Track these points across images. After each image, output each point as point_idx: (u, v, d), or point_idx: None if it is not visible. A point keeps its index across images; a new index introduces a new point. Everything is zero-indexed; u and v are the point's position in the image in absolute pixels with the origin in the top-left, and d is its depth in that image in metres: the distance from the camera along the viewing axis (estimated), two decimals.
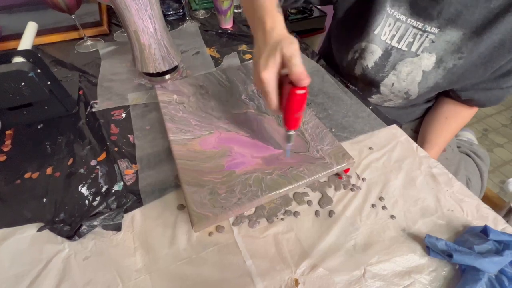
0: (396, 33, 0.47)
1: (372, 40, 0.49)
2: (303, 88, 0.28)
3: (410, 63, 0.48)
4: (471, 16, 0.41)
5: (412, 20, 0.46)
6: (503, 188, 1.24)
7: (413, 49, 0.47)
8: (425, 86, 0.49)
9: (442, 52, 0.45)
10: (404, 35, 0.47)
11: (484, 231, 0.31)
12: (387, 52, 0.49)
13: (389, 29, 0.48)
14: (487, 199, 0.62)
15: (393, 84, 0.52)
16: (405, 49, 0.48)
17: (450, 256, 0.29)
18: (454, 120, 0.56)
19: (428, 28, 0.45)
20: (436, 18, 0.44)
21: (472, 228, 0.33)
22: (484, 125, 1.57)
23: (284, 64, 0.29)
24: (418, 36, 0.46)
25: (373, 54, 0.50)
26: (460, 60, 0.45)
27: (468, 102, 0.53)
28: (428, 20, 0.44)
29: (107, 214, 0.33)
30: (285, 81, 0.30)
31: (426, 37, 0.45)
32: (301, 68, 0.27)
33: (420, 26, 0.45)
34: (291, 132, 0.33)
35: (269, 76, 0.29)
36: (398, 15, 0.46)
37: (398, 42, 0.48)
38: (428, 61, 0.47)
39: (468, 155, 0.67)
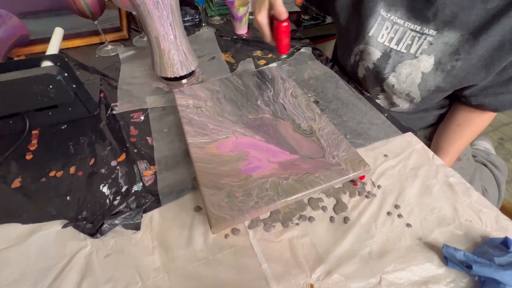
0: (395, 35, 0.49)
1: (368, 42, 0.51)
2: (285, 20, 0.42)
3: (409, 65, 0.49)
4: (467, 17, 0.41)
5: (410, 24, 0.47)
6: None
7: (412, 51, 0.48)
8: (425, 88, 0.49)
9: (440, 54, 0.46)
10: (403, 37, 0.48)
11: (505, 243, 0.30)
12: (386, 54, 0.50)
13: (387, 32, 0.49)
14: (504, 210, 0.61)
15: (393, 85, 0.52)
16: (404, 51, 0.48)
17: (469, 267, 0.29)
18: (467, 127, 0.55)
19: (426, 31, 0.45)
20: (433, 20, 0.44)
21: (492, 240, 0.32)
22: (500, 134, 1.53)
23: (271, 7, 0.42)
24: (416, 38, 0.47)
25: (371, 56, 0.52)
26: (458, 61, 0.44)
27: (480, 107, 0.52)
28: (426, 23, 0.45)
29: (127, 214, 0.34)
30: (274, 20, 0.44)
31: (424, 39, 0.46)
32: (281, 7, 0.41)
33: (418, 29, 0.46)
34: (284, 56, 0.48)
35: (261, 17, 0.43)
36: (395, 19, 0.48)
37: (397, 44, 0.49)
38: (426, 63, 0.47)
39: (485, 165, 0.65)
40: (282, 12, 0.41)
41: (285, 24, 0.42)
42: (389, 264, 0.31)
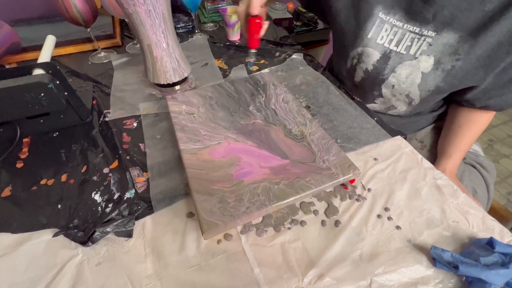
0: (394, 37, 0.50)
1: (367, 44, 0.52)
2: (257, 17, 0.46)
3: (409, 65, 0.50)
4: (466, 19, 0.43)
5: (409, 25, 0.48)
6: (510, 200, 1.22)
7: (412, 52, 0.49)
8: (425, 88, 0.51)
9: (439, 54, 0.47)
10: (402, 39, 0.49)
11: (490, 243, 0.31)
12: (386, 56, 0.51)
13: (386, 34, 0.50)
14: (493, 211, 0.62)
15: (393, 86, 0.53)
16: (403, 52, 0.50)
17: (456, 267, 0.29)
18: (467, 128, 0.56)
19: (425, 32, 0.47)
20: (432, 21, 0.46)
21: (478, 240, 0.33)
22: (489, 136, 1.57)
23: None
24: (416, 39, 0.48)
25: (370, 57, 0.53)
26: (458, 61, 0.46)
27: (485, 108, 0.54)
28: (424, 24, 0.47)
29: (119, 221, 0.34)
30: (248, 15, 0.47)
31: (424, 40, 0.47)
32: (253, 4, 0.45)
33: (417, 31, 0.47)
34: (253, 51, 0.53)
35: (241, 9, 0.48)
36: (394, 21, 0.49)
37: (397, 46, 0.50)
38: (426, 63, 0.48)
39: (473, 166, 0.67)
40: (254, 7, 0.44)
41: (257, 21, 0.45)
42: (379, 267, 0.32)
